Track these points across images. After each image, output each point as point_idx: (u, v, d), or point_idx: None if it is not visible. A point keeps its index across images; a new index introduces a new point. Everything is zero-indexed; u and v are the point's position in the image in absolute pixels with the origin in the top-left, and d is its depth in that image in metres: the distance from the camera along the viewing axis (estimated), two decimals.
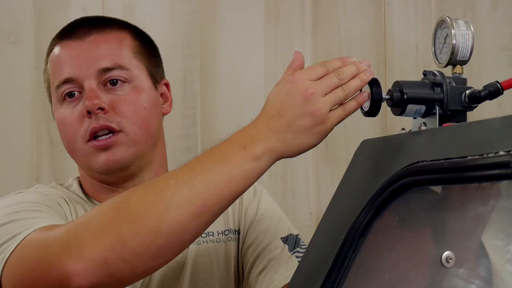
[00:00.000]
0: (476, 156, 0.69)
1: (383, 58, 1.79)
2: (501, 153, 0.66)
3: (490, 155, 0.67)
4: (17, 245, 0.95)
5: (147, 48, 1.26)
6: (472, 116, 0.96)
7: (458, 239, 0.90)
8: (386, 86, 0.98)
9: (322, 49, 1.78)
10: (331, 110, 0.95)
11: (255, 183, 1.30)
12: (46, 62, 1.24)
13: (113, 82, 1.18)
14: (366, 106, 0.97)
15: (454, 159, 0.73)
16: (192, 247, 1.22)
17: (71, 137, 1.18)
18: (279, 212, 1.30)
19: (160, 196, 0.89)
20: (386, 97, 0.97)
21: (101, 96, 1.16)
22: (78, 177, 1.26)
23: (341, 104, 0.96)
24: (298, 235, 1.27)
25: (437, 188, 0.84)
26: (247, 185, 0.94)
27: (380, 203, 0.83)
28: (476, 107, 0.97)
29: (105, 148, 1.15)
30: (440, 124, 0.95)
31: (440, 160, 0.75)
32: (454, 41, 0.96)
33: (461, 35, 0.96)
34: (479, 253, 0.89)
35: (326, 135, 0.95)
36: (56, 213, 1.09)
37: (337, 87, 0.95)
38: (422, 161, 0.78)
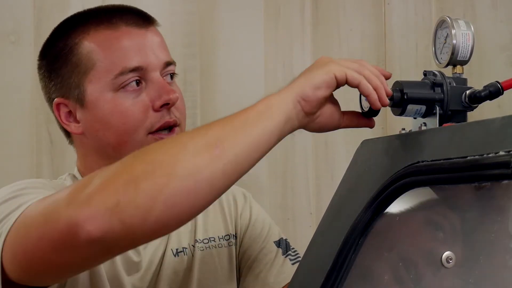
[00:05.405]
0: (476, 156, 0.69)
1: (383, 58, 1.79)
2: (501, 153, 0.66)
3: (490, 155, 0.67)
4: (21, 214, 0.90)
5: None
6: (472, 116, 0.96)
7: (458, 239, 0.90)
8: None
9: (322, 49, 1.78)
10: None
11: (241, 189, 1.31)
12: (73, 47, 1.14)
13: (171, 76, 1.16)
14: (366, 106, 0.97)
15: (454, 159, 0.73)
16: (197, 253, 1.22)
17: (130, 128, 1.11)
18: (268, 217, 1.34)
19: (178, 142, 0.88)
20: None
21: None
22: (70, 174, 1.22)
23: None
24: (287, 239, 1.31)
25: (437, 188, 0.84)
26: (266, 133, 0.89)
27: (380, 203, 0.83)
28: (476, 107, 0.97)
29: None
30: (440, 124, 0.95)
31: (440, 160, 0.75)
32: (455, 41, 0.96)
33: (462, 35, 0.96)
34: (479, 253, 0.89)
35: (339, 75, 0.92)
36: None
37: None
38: (422, 161, 0.78)
